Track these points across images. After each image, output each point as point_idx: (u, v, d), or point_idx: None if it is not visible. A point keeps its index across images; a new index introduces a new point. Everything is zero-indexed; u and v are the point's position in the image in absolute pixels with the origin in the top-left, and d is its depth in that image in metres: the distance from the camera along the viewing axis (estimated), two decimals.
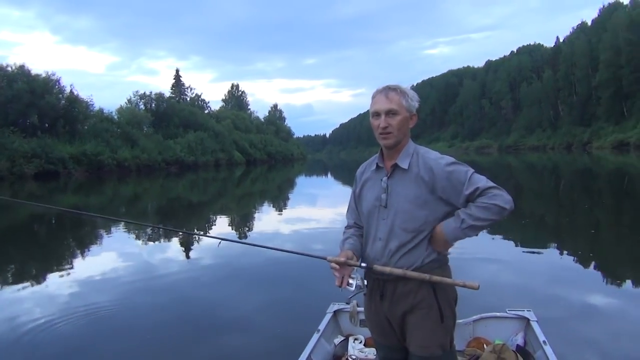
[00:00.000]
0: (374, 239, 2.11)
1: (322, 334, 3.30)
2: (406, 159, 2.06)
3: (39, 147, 37.95)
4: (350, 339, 3.49)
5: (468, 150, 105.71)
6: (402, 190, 2.04)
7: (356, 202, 2.28)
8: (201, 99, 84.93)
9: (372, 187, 2.16)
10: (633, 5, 74.82)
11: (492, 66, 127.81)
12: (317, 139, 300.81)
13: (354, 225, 2.29)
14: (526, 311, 3.47)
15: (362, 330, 3.38)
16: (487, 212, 1.90)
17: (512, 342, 3.28)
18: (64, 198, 23.44)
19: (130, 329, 4.85)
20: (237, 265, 7.42)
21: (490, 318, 3.47)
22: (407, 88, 2.09)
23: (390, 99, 2.03)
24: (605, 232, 9.80)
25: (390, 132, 2.03)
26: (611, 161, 36.53)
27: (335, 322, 3.61)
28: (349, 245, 2.17)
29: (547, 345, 2.99)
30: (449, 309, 2.06)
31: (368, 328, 2.32)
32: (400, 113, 2.03)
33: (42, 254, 9.58)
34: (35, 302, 5.78)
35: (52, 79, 46.17)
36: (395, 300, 2.06)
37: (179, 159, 55.87)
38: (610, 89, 69.00)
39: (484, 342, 3.32)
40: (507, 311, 3.52)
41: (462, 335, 3.35)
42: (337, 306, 3.68)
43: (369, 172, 2.21)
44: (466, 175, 1.96)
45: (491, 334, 3.38)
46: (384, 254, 2.06)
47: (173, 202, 20.53)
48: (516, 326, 3.42)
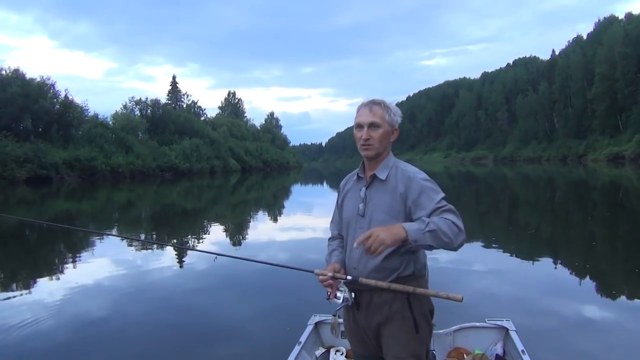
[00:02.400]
0: (351, 248, 2.14)
1: (303, 346, 3.28)
2: (385, 171, 2.13)
3: (31, 151, 37.63)
4: (331, 350, 3.45)
5: (464, 161, 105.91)
6: (379, 201, 2.10)
7: (339, 213, 2.33)
8: (197, 105, 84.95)
9: (352, 197, 2.23)
10: (628, 20, 75.62)
11: (488, 78, 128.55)
12: (313, 147, 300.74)
13: (338, 236, 2.34)
14: (505, 321, 3.50)
15: (343, 341, 3.34)
16: (447, 227, 1.91)
17: (491, 351, 3.31)
18: (56, 204, 23.20)
19: (112, 336, 4.81)
20: (222, 275, 7.35)
21: (470, 328, 3.48)
22: (391, 103, 2.18)
23: (374, 112, 2.11)
24: (594, 244, 9.68)
25: (372, 144, 2.11)
26: (606, 174, 36.50)
27: (317, 333, 3.58)
28: (335, 258, 2.22)
29: (526, 355, 3.00)
30: (424, 319, 2.09)
31: (347, 338, 2.33)
32: (382, 126, 2.11)
33: (32, 262, 9.39)
34: (25, 311, 5.70)
35: (47, 83, 46.09)
36: (371, 311, 2.09)
37: (173, 166, 55.63)
38: (606, 102, 69.42)
39: (464, 352, 3.33)
40: (487, 321, 3.53)
41: (443, 345, 3.37)
42: (319, 317, 3.64)
43: (351, 182, 2.29)
44: (437, 196, 2.01)
45: (471, 344, 3.39)
46: (360, 262, 2.09)
47: (167, 209, 20.28)
48: (495, 336, 3.44)
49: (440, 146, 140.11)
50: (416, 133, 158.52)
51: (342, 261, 2.21)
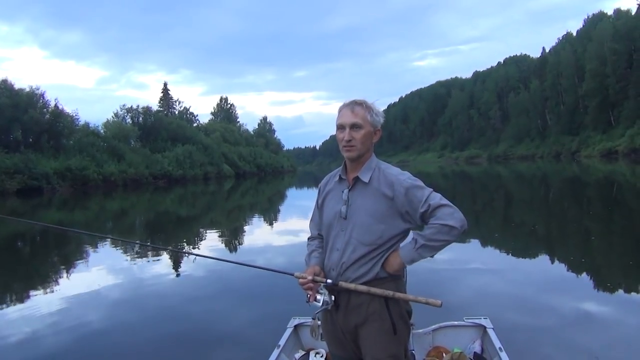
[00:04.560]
0: (331, 250, 2.14)
1: (283, 349, 3.27)
2: (368, 173, 2.10)
3: (21, 162, 37.24)
4: (311, 353, 3.44)
5: (458, 161, 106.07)
6: (362, 203, 2.08)
7: (319, 213, 2.30)
8: (189, 112, 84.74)
9: (333, 199, 2.21)
10: (617, 16, 76.05)
11: (479, 77, 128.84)
12: (307, 151, 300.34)
13: (318, 236, 2.33)
14: (483, 319, 3.55)
15: (323, 344, 3.29)
16: (437, 233, 1.95)
17: (469, 349, 3.34)
18: (47, 214, 22.92)
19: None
20: (202, 279, 7.29)
21: (449, 327, 3.52)
22: (373, 104, 2.14)
23: (356, 113, 2.08)
24: (581, 241, 9.56)
25: (354, 145, 2.08)
26: (600, 169, 36.54)
27: (296, 336, 3.57)
28: (315, 260, 2.22)
29: (503, 352, 3.05)
30: (402, 320, 2.08)
31: (325, 340, 2.31)
32: (364, 127, 2.08)
33: (26, 272, 9.28)
34: (20, 320, 5.67)
35: (36, 93, 45.78)
36: (349, 313, 2.08)
37: (166, 173, 55.31)
38: (597, 98, 69.67)
39: (443, 350, 3.36)
40: (465, 320, 3.58)
41: (422, 344, 3.40)
42: (298, 320, 3.62)
43: (332, 183, 2.26)
44: (423, 193, 2.00)
45: (450, 343, 3.43)
46: (339, 264, 2.09)
47: (160, 217, 20.04)
48: (473, 334, 3.48)
49: (433, 146, 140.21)
50: (409, 134, 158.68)
51: (321, 263, 2.20)
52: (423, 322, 3.38)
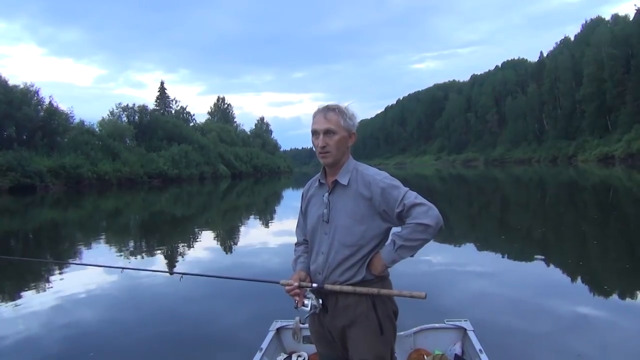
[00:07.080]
0: (317, 254, 2.16)
1: (265, 353, 3.24)
2: (346, 176, 2.11)
3: (14, 160, 36.88)
4: (293, 356, 3.43)
5: (455, 164, 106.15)
6: (342, 206, 2.10)
7: (303, 219, 2.33)
8: (186, 111, 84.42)
9: (315, 203, 2.23)
10: (614, 21, 76.31)
11: (477, 80, 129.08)
12: (304, 152, 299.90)
13: (304, 242, 2.34)
14: (463, 321, 3.56)
15: (305, 347, 3.36)
16: (413, 233, 1.98)
17: (450, 352, 3.37)
18: (40, 213, 22.72)
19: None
20: (188, 281, 6.97)
21: (430, 329, 3.53)
22: (347, 107, 2.13)
23: (329, 119, 2.08)
24: (577, 244, 9.42)
25: (329, 151, 2.09)
26: (596, 174, 36.50)
27: (278, 339, 3.55)
28: (300, 266, 2.24)
29: (483, 354, 3.06)
30: (389, 321, 2.10)
31: (312, 341, 2.32)
32: (338, 133, 2.08)
33: (16, 272, 9.02)
34: (14, 322, 5.57)
35: (31, 90, 45.41)
36: (336, 314, 2.09)
37: (162, 172, 55.00)
38: (594, 102, 69.88)
39: (424, 353, 3.37)
40: (446, 322, 3.59)
41: (404, 347, 3.41)
42: (280, 323, 3.60)
43: (313, 188, 2.27)
44: (399, 193, 2.01)
45: (431, 345, 3.45)
46: (325, 267, 2.10)
47: (155, 217, 19.83)
48: (454, 336, 3.50)
49: (430, 149, 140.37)
50: (407, 136, 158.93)
51: (307, 268, 2.22)
52: (404, 324, 3.36)
